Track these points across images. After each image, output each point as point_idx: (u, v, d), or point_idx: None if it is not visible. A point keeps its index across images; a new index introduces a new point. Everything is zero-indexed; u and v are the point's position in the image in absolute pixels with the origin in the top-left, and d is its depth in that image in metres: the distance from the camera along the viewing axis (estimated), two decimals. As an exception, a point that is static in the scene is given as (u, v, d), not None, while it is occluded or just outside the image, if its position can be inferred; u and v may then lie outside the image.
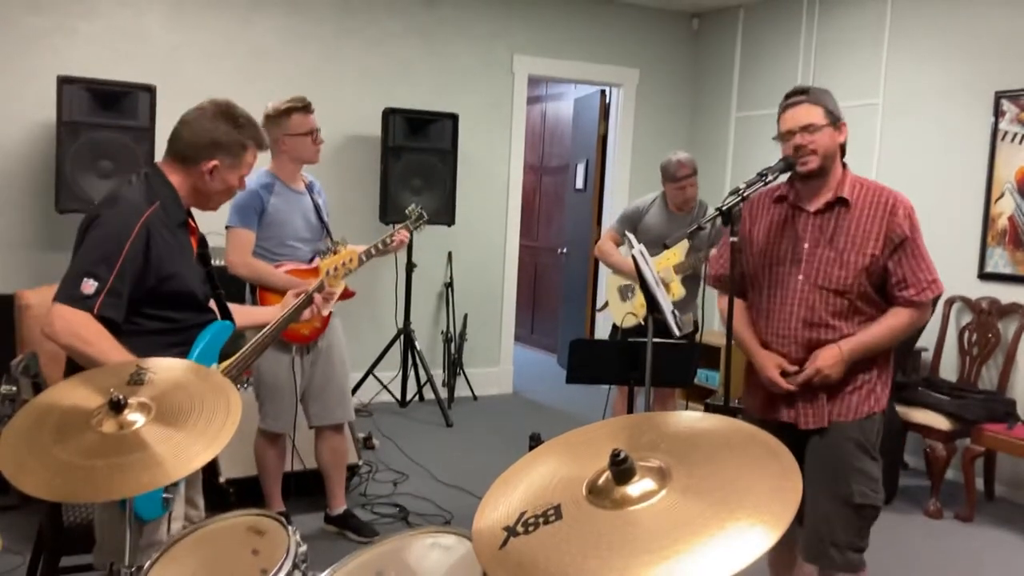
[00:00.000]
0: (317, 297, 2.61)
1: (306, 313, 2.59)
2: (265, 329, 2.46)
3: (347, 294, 3.58)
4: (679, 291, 4.16)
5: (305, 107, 3.43)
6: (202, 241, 2.36)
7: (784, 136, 2.49)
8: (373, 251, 3.53)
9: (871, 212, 2.45)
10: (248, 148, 2.24)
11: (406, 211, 3.77)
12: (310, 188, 3.57)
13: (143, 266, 2.08)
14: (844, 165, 2.54)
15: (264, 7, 5.48)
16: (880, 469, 2.55)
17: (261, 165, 3.48)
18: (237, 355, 2.34)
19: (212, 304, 2.38)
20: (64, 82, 4.47)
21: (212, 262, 2.41)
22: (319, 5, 5.64)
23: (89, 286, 2.02)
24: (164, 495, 2.08)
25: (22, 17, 4.86)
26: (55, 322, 2.02)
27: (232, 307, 2.46)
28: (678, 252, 4.11)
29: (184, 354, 2.20)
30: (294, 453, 3.71)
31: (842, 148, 2.52)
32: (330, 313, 3.52)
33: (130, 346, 2.08)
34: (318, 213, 3.56)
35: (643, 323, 4.19)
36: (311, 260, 3.51)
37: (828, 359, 2.46)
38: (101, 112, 4.54)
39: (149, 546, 2.09)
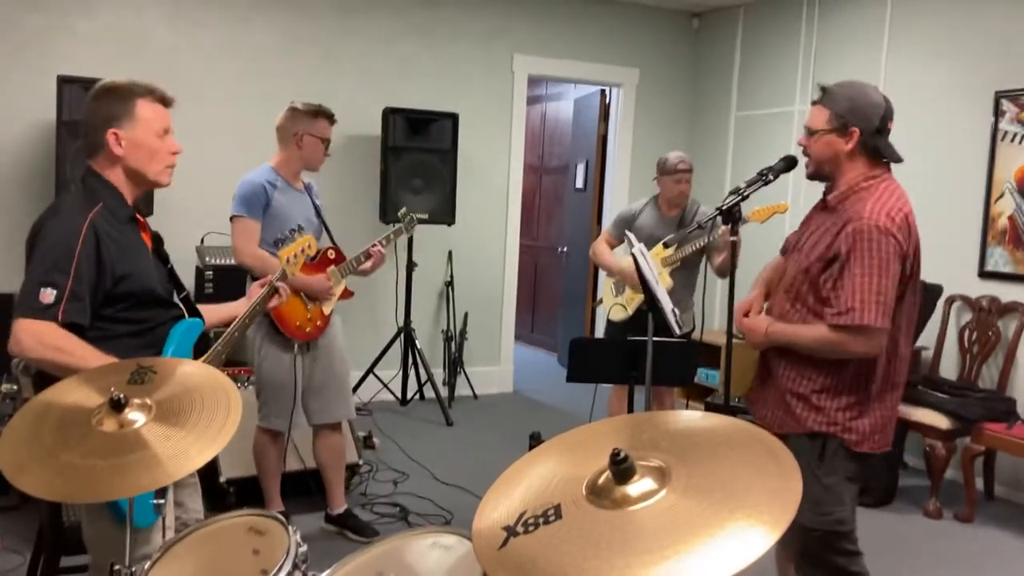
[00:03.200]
0: (282, 285, 2.59)
1: (273, 300, 2.57)
2: (235, 322, 2.42)
3: (346, 294, 3.65)
4: (667, 281, 4.23)
5: (330, 117, 3.57)
6: (156, 238, 2.29)
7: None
8: (353, 263, 3.63)
9: (835, 221, 2.37)
10: (136, 101, 2.13)
11: (399, 214, 3.96)
12: (308, 189, 3.65)
13: (97, 268, 2.04)
14: (877, 170, 2.40)
15: (264, 7, 5.48)
16: (831, 492, 2.38)
17: (263, 160, 3.54)
18: (210, 351, 2.32)
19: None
20: (64, 82, 4.46)
21: (170, 259, 2.34)
22: (319, 5, 5.64)
23: (48, 295, 1.97)
24: (155, 500, 2.04)
25: (22, 17, 4.86)
26: (22, 339, 1.96)
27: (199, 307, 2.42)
28: (669, 247, 4.26)
29: (157, 354, 2.16)
30: (289, 452, 3.73)
31: (871, 151, 2.39)
32: (331, 311, 3.58)
33: (103, 351, 2.03)
34: (317, 213, 3.63)
35: (632, 315, 4.27)
36: (314, 258, 3.54)
37: (753, 322, 2.51)
38: (101, 112, 4.53)
39: (143, 557, 2.03)
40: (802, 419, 2.41)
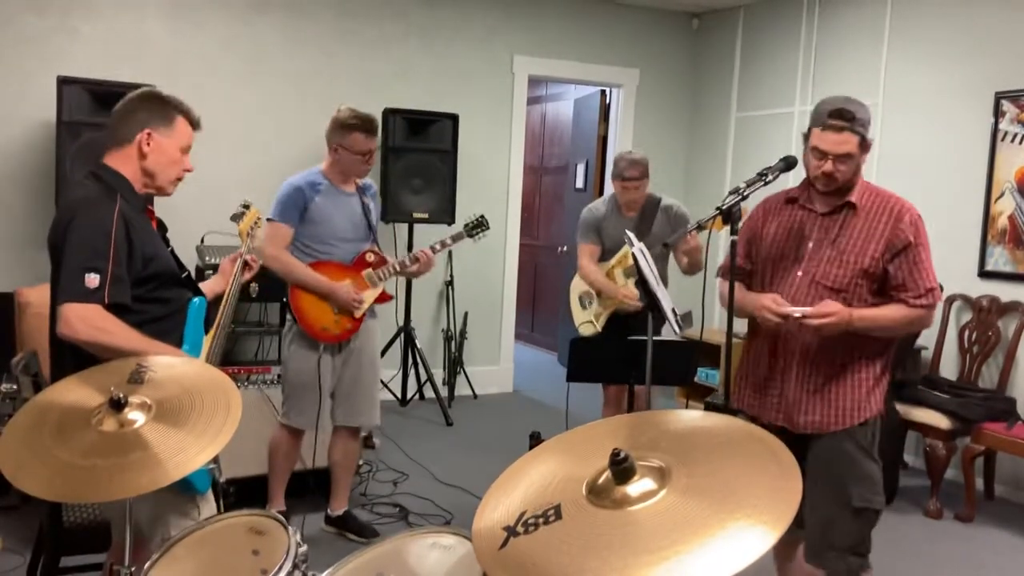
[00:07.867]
0: (250, 257, 2.62)
1: (246, 274, 2.61)
2: (225, 298, 2.52)
3: (383, 298, 3.63)
4: (632, 291, 3.95)
5: (368, 129, 3.46)
6: (161, 226, 2.42)
7: (816, 153, 2.48)
8: (397, 267, 3.63)
9: (877, 217, 2.50)
10: (177, 117, 2.28)
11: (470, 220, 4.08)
12: (363, 190, 3.60)
13: (129, 252, 2.14)
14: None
15: (264, 8, 5.48)
16: (880, 471, 2.57)
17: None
18: (215, 327, 2.42)
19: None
20: (64, 83, 4.46)
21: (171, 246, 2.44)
22: (319, 6, 5.64)
23: (93, 280, 2.07)
24: (210, 467, 2.17)
25: (22, 17, 4.86)
26: (73, 322, 2.06)
27: None
28: (629, 255, 3.65)
29: (183, 333, 2.28)
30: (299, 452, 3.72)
31: None
32: (363, 315, 3.56)
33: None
34: (366, 215, 3.58)
35: (600, 330, 4.12)
36: (352, 260, 3.56)
37: (835, 310, 2.42)
38: (101, 112, 4.52)
39: (207, 520, 2.05)
40: (847, 414, 2.53)
